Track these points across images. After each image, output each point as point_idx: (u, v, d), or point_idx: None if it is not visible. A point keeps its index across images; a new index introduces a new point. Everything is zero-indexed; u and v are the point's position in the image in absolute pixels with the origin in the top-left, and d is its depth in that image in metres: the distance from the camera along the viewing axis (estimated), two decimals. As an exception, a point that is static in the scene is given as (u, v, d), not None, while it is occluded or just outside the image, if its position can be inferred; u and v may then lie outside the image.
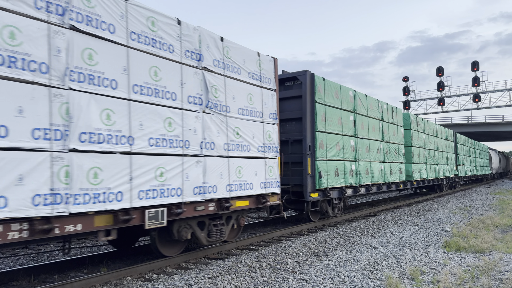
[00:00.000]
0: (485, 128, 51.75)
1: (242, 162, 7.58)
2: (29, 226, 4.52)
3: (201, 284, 5.58)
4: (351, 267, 6.44)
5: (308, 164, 10.23)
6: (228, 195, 7.20)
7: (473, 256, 7.13)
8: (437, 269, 6.20)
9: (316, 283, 5.56)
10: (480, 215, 12.76)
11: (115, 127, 5.39)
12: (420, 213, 14.15)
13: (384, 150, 14.43)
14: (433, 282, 5.49)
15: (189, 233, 6.75)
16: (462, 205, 16.76)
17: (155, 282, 5.71)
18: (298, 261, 6.90)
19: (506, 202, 17.25)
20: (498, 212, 13.61)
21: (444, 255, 7.20)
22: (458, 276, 5.70)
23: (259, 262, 6.84)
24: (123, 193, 5.41)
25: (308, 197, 10.23)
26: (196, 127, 6.66)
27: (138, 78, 5.77)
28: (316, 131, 10.46)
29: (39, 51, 4.61)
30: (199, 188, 6.62)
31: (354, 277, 5.80)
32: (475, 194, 23.01)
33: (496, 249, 7.62)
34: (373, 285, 5.41)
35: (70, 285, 5.30)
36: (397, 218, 12.63)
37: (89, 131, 5.07)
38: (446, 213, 13.71)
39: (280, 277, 5.91)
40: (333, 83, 11.45)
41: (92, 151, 5.08)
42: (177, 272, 6.35)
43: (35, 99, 4.54)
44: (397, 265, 6.53)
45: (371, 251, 7.69)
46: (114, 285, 5.66)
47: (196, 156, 6.63)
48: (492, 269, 6.11)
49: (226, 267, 6.53)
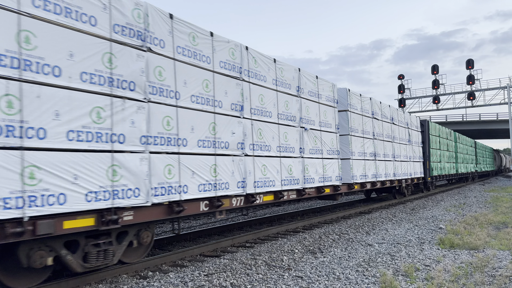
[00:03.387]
0: (480, 126, 52.10)
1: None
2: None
3: (196, 281, 5.59)
4: (346, 264, 6.47)
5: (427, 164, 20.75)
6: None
7: (466, 253, 7.19)
8: (431, 266, 6.25)
9: (311, 280, 5.59)
10: (474, 212, 12.86)
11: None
12: (415, 210, 14.23)
13: (451, 156, 26.91)
14: (427, 278, 5.53)
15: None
16: (456, 202, 16.88)
17: (151, 280, 5.71)
18: (294, 258, 6.93)
19: (500, 199, 17.38)
20: (492, 209, 13.71)
21: (438, 252, 7.25)
22: (452, 273, 5.75)
23: (254, 259, 6.86)
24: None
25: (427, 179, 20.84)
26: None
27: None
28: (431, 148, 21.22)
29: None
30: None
31: (349, 274, 5.83)
32: (469, 192, 23.16)
33: (489, 246, 7.69)
34: (368, 282, 5.45)
35: (65, 283, 5.30)
36: (392, 216, 12.70)
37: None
38: (440, 211, 13.79)
39: (275, 274, 5.94)
40: (441, 127, 23.78)
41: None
42: (173, 269, 6.36)
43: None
44: (391, 262, 6.57)
45: (366, 248, 7.74)
46: (110, 283, 5.66)
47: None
48: (485, 265, 6.16)
49: (221, 264, 6.54)
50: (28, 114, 4.46)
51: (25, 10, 4.51)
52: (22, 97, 4.43)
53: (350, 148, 12.37)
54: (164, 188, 6.03)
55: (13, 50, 4.39)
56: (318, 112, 10.66)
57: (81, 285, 5.46)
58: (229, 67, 7.63)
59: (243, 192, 7.71)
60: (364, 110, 13.79)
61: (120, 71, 5.52)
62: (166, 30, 6.33)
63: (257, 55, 8.50)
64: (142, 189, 5.70)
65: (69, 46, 4.92)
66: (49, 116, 4.67)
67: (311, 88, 10.40)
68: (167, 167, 6.12)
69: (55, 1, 4.83)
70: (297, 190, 9.55)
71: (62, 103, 4.80)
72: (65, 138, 4.81)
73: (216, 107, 7.24)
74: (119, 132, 5.44)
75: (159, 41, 6.17)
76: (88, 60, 5.12)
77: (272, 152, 8.68)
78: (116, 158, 5.37)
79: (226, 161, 7.33)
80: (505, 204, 15.03)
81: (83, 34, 5.09)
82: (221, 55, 7.45)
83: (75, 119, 4.92)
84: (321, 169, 10.53)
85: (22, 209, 4.36)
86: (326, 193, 10.82)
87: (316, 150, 10.36)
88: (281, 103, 9.11)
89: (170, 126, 6.22)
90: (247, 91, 8.06)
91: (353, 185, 12.32)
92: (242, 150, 7.78)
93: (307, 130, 10.04)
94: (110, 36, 5.43)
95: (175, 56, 6.46)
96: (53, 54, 4.75)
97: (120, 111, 5.47)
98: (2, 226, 4.24)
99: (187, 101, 6.61)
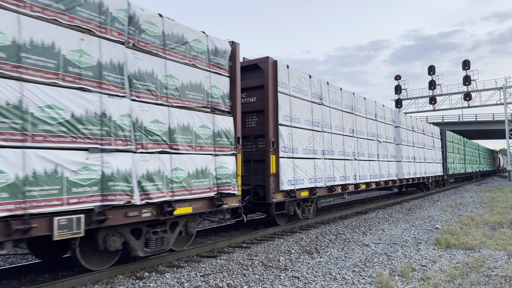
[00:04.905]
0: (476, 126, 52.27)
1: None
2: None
3: (193, 282, 5.58)
4: (342, 264, 6.48)
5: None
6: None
7: (463, 253, 7.21)
8: (427, 266, 6.26)
9: (308, 280, 5.58)
10: (470, 213, 12.90)
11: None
12: (412, 210, 14.26)
13: (461, 158, 32.38)
14: (423, 279, 5.54)
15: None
16: (452, 202, 16.93)
17: (147, 281, 5.69)
18: (290, 259, 6.93)
19: (496, 199, 17.45)
20: (488, 209, 13.76)
21: (435, 252, 7.27)
22: (448, 273, 5.76)
23: (251, 259, 6.85)
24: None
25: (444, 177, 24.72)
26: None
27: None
28: (447, 152, 24.17)
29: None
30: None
31: (346, 274, 5.83)
32: (465, 192, 23.24)
33: (485, 246, 7.71)
34: (364, 282, 5.45)
35: (61, 284, 5.27)
36: (389, 216, 12.73)
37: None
38: (437, 211, 13.83)
39: (272, 274, 5.93)
40: (454, 134, 24.98)
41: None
42: (169, 270, 6.34)
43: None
44: (388, 262, 6.58)
45: (363, 248, 7.74)
46: (106, 284, 5.64)
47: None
48: (481, 265, 6.18)
49: (218, 265, 6.53)
50: (294, 142, 9.93)
51: (292, 94, 10.01)
52: (292, 133, 9.87)
53: (401, 153, 17.56)
54: (328, 178, 11.37)
55: (287, 114, 9.92)
56: (384, 129, 16.12)
57: (76, 286, 5.43)
58: (347, 107, 13.11)
59: (354, 182, 12.96)
60: (408, 125, 19.12)
61: (314, 117, 10.94)
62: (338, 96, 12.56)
63: (359, 98, 13.86)
64: (323, 178, 11.11)
65: (301, 107, 10.36)
66: (297, 142, 10.12)
67: (380, 113, 15.86)
68: (329, 166, 11.46)
69: (300, 87, 10.44)
70: (375, 182, 14.75)
71: (300, 135, 10.25)
72: (302, 153, 10.26)
73: (345, 132, 12.63)
74: (315, 148, 10.84)
75: (328, 101, 11.82)
76: (305, 114, 10.53)
77: (365, 157, 13.98)
78: (315, 162, 10.82)
79: (347, 163, 12.59)
80: (501, 204, 15.09)
81: (304, 101, 10.53)
82: (345, 98, 13.05)
83: (303, 142, 10.33)
84: (387, 168, 15.87)
85: (294, 186, 9.81)
86: (390, 185, 16.42)
87: (384, 156, 15.70)
88: (367, 126, 14.45)
89: (329, 144, 11.55)
90: (354, 120, 13.38)
91: (403, 180, 17.66)
92: (354, 156, 13.08)
93: (381, 142, 15.45)
94: (312, 99, 10.89)
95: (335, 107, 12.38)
96: (297, 112, 10.18)
97: (315, 137, 10.87)
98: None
99: (335, 129, 12.04)
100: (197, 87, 7.02)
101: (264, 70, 9.48)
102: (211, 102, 7.31)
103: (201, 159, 6.94)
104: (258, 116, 9.77)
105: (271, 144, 9.32)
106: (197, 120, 6.94)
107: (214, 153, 7.27)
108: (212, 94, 7.35)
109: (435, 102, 40.92)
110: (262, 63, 9.54)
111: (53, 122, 4.85)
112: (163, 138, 6.24)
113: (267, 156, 9.29)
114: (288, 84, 9.93)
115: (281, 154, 9.43)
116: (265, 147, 9.44)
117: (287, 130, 9.73)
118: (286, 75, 9.89)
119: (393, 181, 16.48)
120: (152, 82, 6.15)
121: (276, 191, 9.28)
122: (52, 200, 4.77)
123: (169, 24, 6.52)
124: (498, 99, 38.60)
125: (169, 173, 6.27)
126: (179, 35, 6.72)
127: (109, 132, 5.44)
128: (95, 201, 5.23)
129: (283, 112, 9.65)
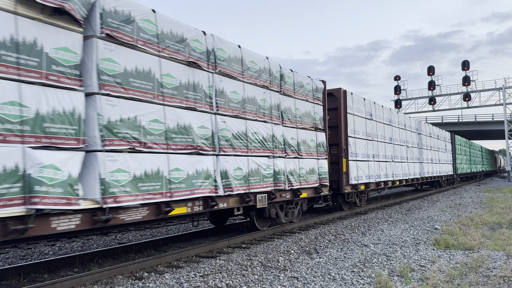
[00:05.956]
0: (475, 126, 52.29)
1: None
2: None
3: (192, 282, 5.58)
4: (341, 264, 6.48)
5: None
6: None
7: (461, 253, 7.22)
8: (426, 266, 6.27)
9: (307, 280, 5.59)
10: (469, 213, 12.92)
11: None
12: (411, 211, 14.28)
13: (467, 159, 36.27)
14: (422, 279, 5.55)
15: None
16: (452, 203, 16.94)
17: (146, 281, 5.70)
18: (289, 259, 6.94)
19: (495, 200, 17.47)
20: (487, 210, 13.78)
21: (434, 253, 7.28)
22: (446, 273, 5.77)
23: (250, 260, 6.86)
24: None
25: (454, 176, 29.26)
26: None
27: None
28: (456, 154, 27.92)
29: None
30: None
31: (345, 275, 5.84)
32: (465, 192, 23.27)
33: (484, 246, 7.73)
34: (363, 282, 5.46)
35: (60, 284, 5.28)
36: (388, 216, 12.74)
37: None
38: (436, 211, 13.85)
39: (271, 275, 5.94)
40: (461, 138, 30.81)
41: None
42: (168, 270, 6.35)
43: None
44: (387, 262, 6.59)
45: (362, 248, 7.75)
46: (105, 284, 5.64)
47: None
48: (480, 266, 6.19)
49: (217, 265, 6.54)
50: (356, 149, 13.20)
51: (354, 113, 13.58)
52: (355, 143, 13.41)
53: (422, 156, 21.49)
54: (376, 176, 14.69)
55: (352, 129, 13.30)
56: (411, 136, 19.86)
57: (76, 286, 5.44)
58: (387, 120, 16.47)
59: (392, 179, 16.16)
60: (427, 132, 22.79)
61: (367, 129, 14.21)
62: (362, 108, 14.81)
63: (394, 112, 17.43)
64: (373, 176, 14.41)
65: (359, 123, 13.72)
66: (358, 149, 13.45)
67: (408, 123, 19.49)
68: (376, 167, 14.65)
69: (358, 108, 13.80)
70: (405, 179, 18.22)
71: (360, 143, 13.55)
72: (361, 157, 13.59)
73: (385, 140, 15.94)
74: (368, 153, 13.93)
75: (375, 116, 15.45)
76: (362, 127, 13.81)
77: (399, 160, 17.38)
78: (369, 163, 14.06)
79: (388, 164, 15.97)
80: (500, 205, 15.11)
81: (361, 118, 13.86)
82: (385, 113, 16.46)
83: (361, 149, 13.57)
84: (413, 168, 19.60)
85: (357, 181, 13.38)
86: (414, 182, 20.19)
87: (411, 158, 19.35)
88: (399, 134, 17.94)
89: (376, 150, 14.79)
90: (391, 130, 16.82)
91: (424, 178, 21.54)
92: (392, 159, 16.48)
93: (409, 147, 19.01)
94: (365, 116, 14.24)
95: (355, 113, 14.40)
96: (357, 127, 13.52)
97: (368, 145, 14.12)
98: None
99: (380, 138, 15.36)
100: (308, 114, 10.73)
101: (337, 97, 13.07)
102: (314, 124, 10.99)
103: (312, 162, 10.65)
104: (331, 130, 13.03)
105: (343, 151, 12.80)
106: (309, 136, 10.65)
107: (317, 157, 10.96)
108: (315, 117, 11.06)
109: (434, 102, 40.97)
110: (336, 92, 13.11)
111: (256, 141, 8.51)
112: (295, 148, 9.94)
113: (341, 159, 12.78)
114: (352, 106, 13.41)
115: (350, 157, 12.91)
116: (338, 153, 12.92)
117: (353, 140, 13.25)
118: (351, 100, 13.37)
119: (417, 179, 20.32)
120: (290, 114, 9.89)
121: (346, 184, 12.81)
122: (257, 185, 8.42)
123: (297, 76, 10.35)
124: (497, 100, 38.65)
125: (298, 170, 9.94)
126: (302, 83, 10.54)
127: (276, 145, 9.15)
128: (271, 186, 8.92)
129: (350, 127, 13.14)
